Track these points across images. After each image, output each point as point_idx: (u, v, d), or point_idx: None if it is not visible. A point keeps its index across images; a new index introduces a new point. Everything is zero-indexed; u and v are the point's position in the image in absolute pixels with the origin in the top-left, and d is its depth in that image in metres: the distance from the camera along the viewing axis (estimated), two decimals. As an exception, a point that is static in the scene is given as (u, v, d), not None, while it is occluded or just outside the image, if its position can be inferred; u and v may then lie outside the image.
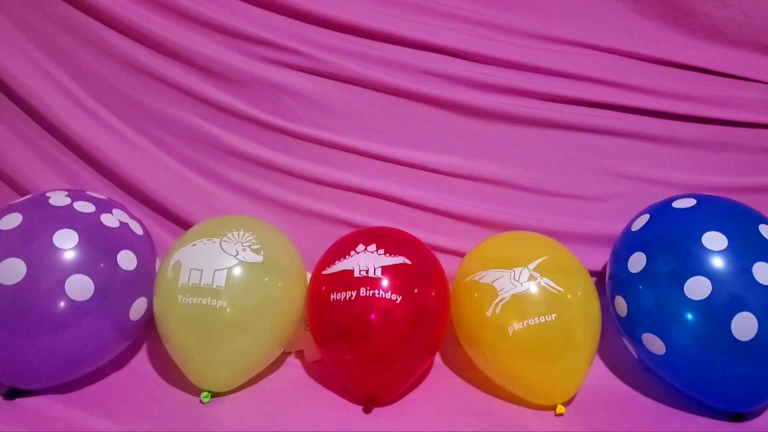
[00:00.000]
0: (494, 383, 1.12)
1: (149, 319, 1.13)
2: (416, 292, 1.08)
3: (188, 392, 1.10)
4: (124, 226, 1.13)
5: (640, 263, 1.08)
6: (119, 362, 1.17)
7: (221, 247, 1.09)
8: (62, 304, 1.00)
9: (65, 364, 1.04)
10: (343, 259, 1.10)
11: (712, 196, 1.18)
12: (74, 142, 1.37)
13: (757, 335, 0.97)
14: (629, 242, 1.14)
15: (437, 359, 1.24)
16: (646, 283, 1.06)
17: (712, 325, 0.99)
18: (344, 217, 1.38)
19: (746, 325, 0.97)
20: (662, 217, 1.13)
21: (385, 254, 1.09)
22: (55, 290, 1.00)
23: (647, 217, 1.14)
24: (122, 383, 1.13)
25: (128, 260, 1.08)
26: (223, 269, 1.06)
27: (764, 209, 1.13)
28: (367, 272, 1.06)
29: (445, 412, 1.08)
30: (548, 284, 1.06)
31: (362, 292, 1.05)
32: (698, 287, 1.00)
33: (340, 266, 1.09)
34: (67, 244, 1.03)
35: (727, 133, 1.37)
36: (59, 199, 1.10)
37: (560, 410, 1.05)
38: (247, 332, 1.07)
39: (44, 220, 1.05)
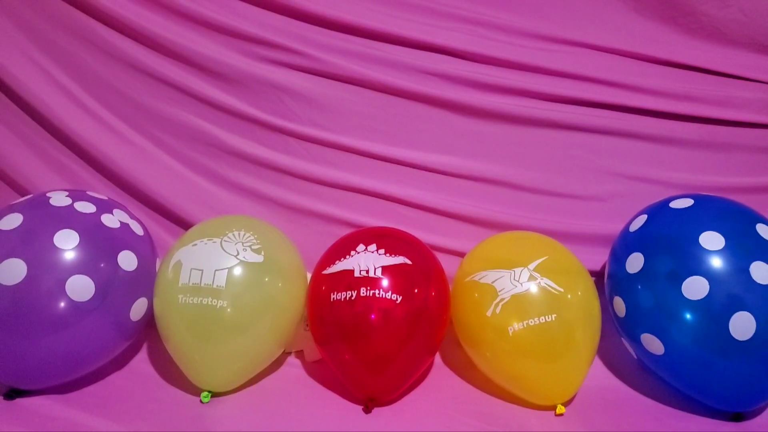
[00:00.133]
0: (494, 383, 1.12)
1: (149, 319, 1.13)
2: (416, 292, 1.08)
3: (188, 392, 1.10)
4: (124, 226, 1.12)
5: (638, 264, 1.08)
6: (119, 362, 1.17)
7: (222, 247, 1.09)
8: (63, 304, 1.00)
9: (65, 364, 1.04)
10: (343, 258, 1.10)
11: (709, 196, 1.18)
12: (74, 142, 1.37)
13: (755, 335, 0.97)
14: (627, 243, 1.14)
15: (437, 359, 1.24)
16: (644, 283, 1.06)
17: (710, 325, 0.99)
18: (344, 217, 1.38)
19: (744, 324, 0.97)
20: (660, 217, 1.13)
21: (385, 254, 1.09)
22: (55, 290, 1.00)
23: (645, 217, 1.14)
24: (122, 383, 1.13)
25: (129, 261, 1.08)
26: (223, 269, 1.06)
27: (764, 209, 1.14)
28: (367, 272, 1.06)
29: (445, 412, 1.08)
30: (548, 284, 1.06)
31: (362, 292, 1.05)
32: (696, 287, 1.00)
33: (340, 266, 1.09)
34: (67, 244, 1.02)
35: (726, 133, 1.37)
36: (60, 199, 1.10)
37: (560, 410, 1.05)
38: (247, 332, 1.07)
39: (45, 220, 1.05)
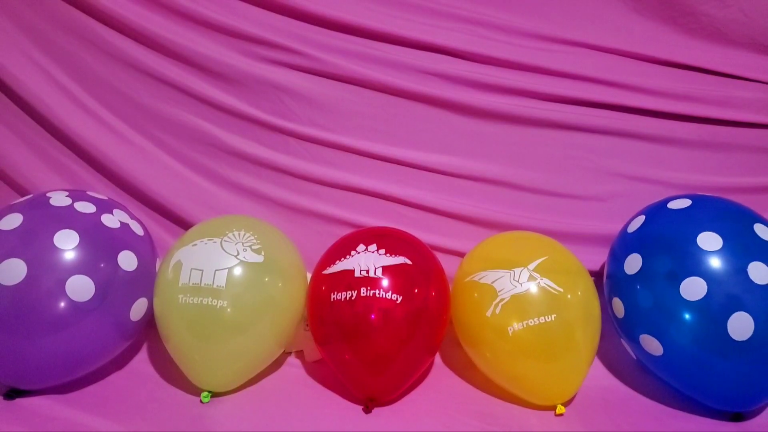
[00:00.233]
0: (494, 383, 1.12)
1: (149, 319, 1.13)
2: (416, 292, 1.08)
3: (188, 392, 1.10)
4: (124, 226, 1.12)
5: (636, 265, 1.08)
6: (119, 362, 1.17)
7: (222, 247, 1.09)
8: (63, 304, 1.00)
9: (65, 364, 1.04)
10: (343, 258, 1.10)
11: (707, 196, 1.18)
12: (74, 142, 1.37)
13: (753, 335, 0.97)
14: (625, 244, 1.14)
15: (437, 359, 1.24)
16: (642, 284, 1.06)
17: (708, 325, 0.99)
18: (344, 217, 1.38)
19: (742, 324, 0.97)
20: (658, 218, 1.13)
21: (385, 254, 1.09)
22: (55, 291, 1.00)
23: (643, 218, 1.14)
24: (122, 383, 1.13)
25: (129, 261, 1.08)
26: (223, 269, 1.06)
27: (763, 209, 1.14)
28: (367, 272, 1.06)
29: (445, 412, 1.08)
30: (548, 284, 1.06)
31: (363, 292, 1.05)
32: (694, 288, 1.00)
33: (340, 266, 1.09)
34: (67, 244, 1.02)
35: (726, 133, 1.37)
36: (60, 199, 1.10)
37: (560, 410, 1.05)
38: (247, 332, 1.07)
39: (45, 220, 1.05)
